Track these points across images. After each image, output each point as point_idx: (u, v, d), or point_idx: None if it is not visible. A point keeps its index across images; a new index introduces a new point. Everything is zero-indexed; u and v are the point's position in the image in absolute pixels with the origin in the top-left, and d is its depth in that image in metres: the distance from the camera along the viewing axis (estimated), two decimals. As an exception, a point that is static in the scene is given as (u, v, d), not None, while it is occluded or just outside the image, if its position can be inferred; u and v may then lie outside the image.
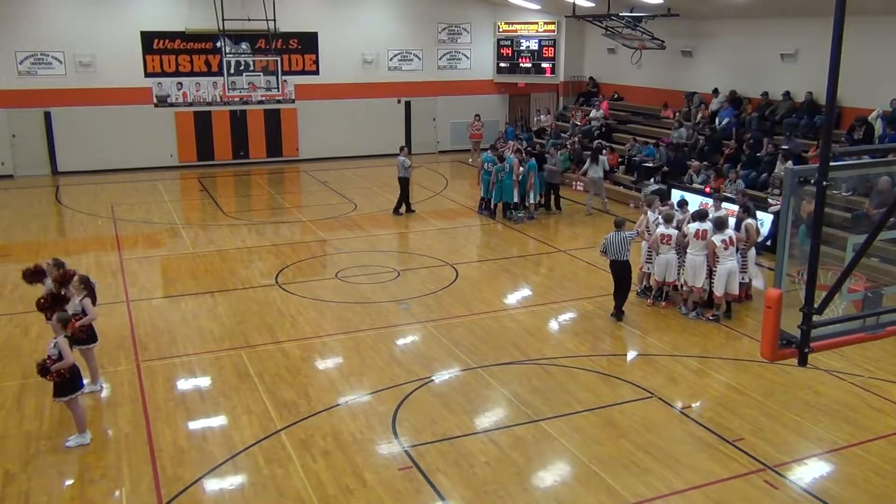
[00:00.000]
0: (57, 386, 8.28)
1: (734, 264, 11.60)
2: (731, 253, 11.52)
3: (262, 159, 25.83)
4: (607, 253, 11.92)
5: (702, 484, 7.72)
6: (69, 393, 8.31)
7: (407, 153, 18.88)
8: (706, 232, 11.61)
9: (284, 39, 24.99)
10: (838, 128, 16.54)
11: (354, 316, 12.27)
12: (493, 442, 8.50)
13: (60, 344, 8.19)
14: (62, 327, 8.31)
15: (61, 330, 8.30)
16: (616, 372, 10.37)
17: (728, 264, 11.50)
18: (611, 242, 11.84)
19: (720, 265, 11.50)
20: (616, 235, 11.82)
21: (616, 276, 11.99)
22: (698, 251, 11.71)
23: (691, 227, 11.83)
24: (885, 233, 4.62)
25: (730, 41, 20.97)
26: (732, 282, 11.66)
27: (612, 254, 11.86)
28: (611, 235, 11.88)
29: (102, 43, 23.32)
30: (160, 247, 16.40)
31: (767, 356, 4.66)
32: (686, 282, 11.98)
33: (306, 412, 9.15)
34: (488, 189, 18.31)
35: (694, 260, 11.76)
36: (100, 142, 23.81)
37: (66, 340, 8.26)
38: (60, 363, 8.15)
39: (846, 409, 9.32)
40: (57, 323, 8.37)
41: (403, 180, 18.67)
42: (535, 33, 27.15)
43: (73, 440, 8.44)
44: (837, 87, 4.31)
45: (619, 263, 11.89)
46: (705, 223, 11.73)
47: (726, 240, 11.45)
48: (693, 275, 11.81)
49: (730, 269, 11.53)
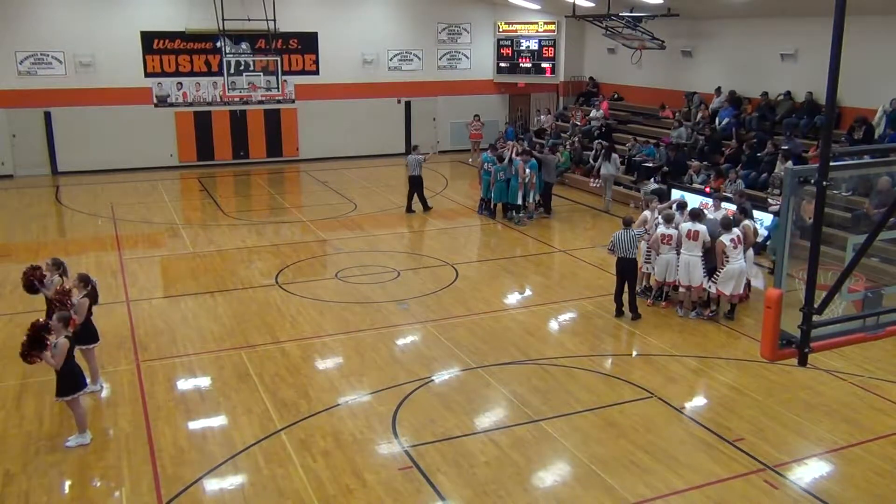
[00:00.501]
0: (59, 386, 8.25)
1: (742, 264, 11.59)
2: (739, 252, 11.51)
3: (262, 159, 25.83)
4: (616, 250, 11.93)
5: (702, 484, 7.72)
6: (71, 392, 8.30)
7: (419, 151, 19.41)
8: (698, 233, 11.65)
9: (284, 39, 24.99)
10: (838, 128, 16.54)
11: (354, 316, 12.27)
12: (493, 442, 8.50)
13: (59, 345, 8.12)
14: (63, 327, 8.23)
15: (63, 330, 8.21)
16: (616, 372, 10.37)
17: (737, 264, 11.50)
18: (620, 240, 11.85)
19: (729, 265, 11.50)
20: (625, 233, 11.84)
21: (623, 273, 12.00)
22: (692, 251, 11.73)
23: (683, 227, 11.85)
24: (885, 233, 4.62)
25: (730, 41, 20.97)
26: (740, 282, 11.66)
27: (620, 251, 11.87)
28: (620, 233, 11.89)
29: (102, 43, 23.32)
30: (160, 247, 16.41)
31: (767, 356, 4.66)
32: (680, 281, 11.99)
33: (306, 412, 9.15)
34: (488, 189, 18.33)
35: (688, 260, 11.77)
36: (100, 142, 23.81)
37: (66, 342, 8.16)
38: (49, 358, 8.06)
39: (846, 409, 9.32)
40: (58, 323, 8.28)
41: (416, 178, 18.83)
42: (535, 33, 27.15)
43: (74, 440, 8.45)
44: (837, 87, 4.31)
45: (626, 261, 11.90)
46: (697, 224, 11.75)
47: (734, 239, 11.45)
48: (687, 274, 11.81)
49: (739, 269, 11.54)
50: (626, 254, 11.84)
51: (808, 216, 4.54)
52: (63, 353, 8.14)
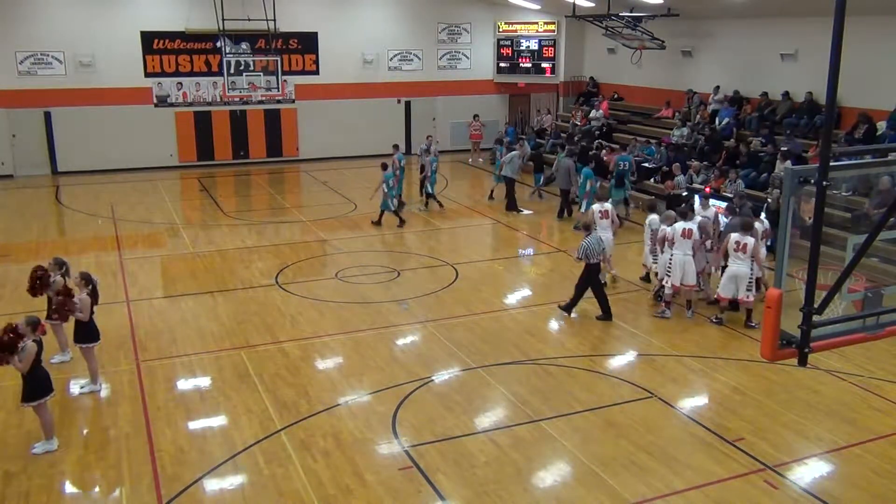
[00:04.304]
0: (25, 391, 8.10)
1: (739, 269, 11.36)
2: (740, 257, 11.34)
3: (262, 159, 25.83)
4: (590, 258, 11.83)
5: (702, 484, 7.72)
6: (37, 398, 8.14)
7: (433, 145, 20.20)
8: (692, 231, 11.69)
9: (284, 39, 24.99)
10: (838, 128, 16.54)
11: (354, 316, 12.27)
12: (493, 442, 8.50)
13: (27, 349, 7.91)
14: (32, 331, 8.02)
15: (31, 334, 8.00)
16: (616, 372, 10.37)
17: (734, 267, 11.43)
18: (591, 246, 11.79)
19: (728, 267, 11.51)
20: (594, 237, 11.86)
21: (593, 276, 11.99)
22: (685, 250, 11.74)
23: (677, 227, 11.81)
24: (885, 233, 4.62)
25: (730, 41, 20.97)
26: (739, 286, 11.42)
27: (594, 257, 11.84)
28: (590, 240, 11.84)
29: (102, 43, 23.32)
30: (160, 247, 16.41)
31: (767, 356, 4.66)
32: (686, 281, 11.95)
33: (306, 412, 9.15)
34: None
35: (682, 259, 11.76)
36: (100, 142, 23.81)
37: (33, 346, 7.98)
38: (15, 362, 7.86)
39: (846, 409, 9.32)
40: (26, 326, 8.03)
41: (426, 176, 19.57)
42: (535, 33, 27.15)
43: (40, 446, 8.30)
44: (837, 87, 4.31)
45: (596, 265, 11.95)
46: (690, 222, 11.80)
47: (739, 242, 11.31)
48: (682, 274, 11.80)
49: (736, 273, 11.42)
50: (598, 258, 11.92)
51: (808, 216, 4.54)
52: (31, 357, 7.97)
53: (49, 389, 8.30)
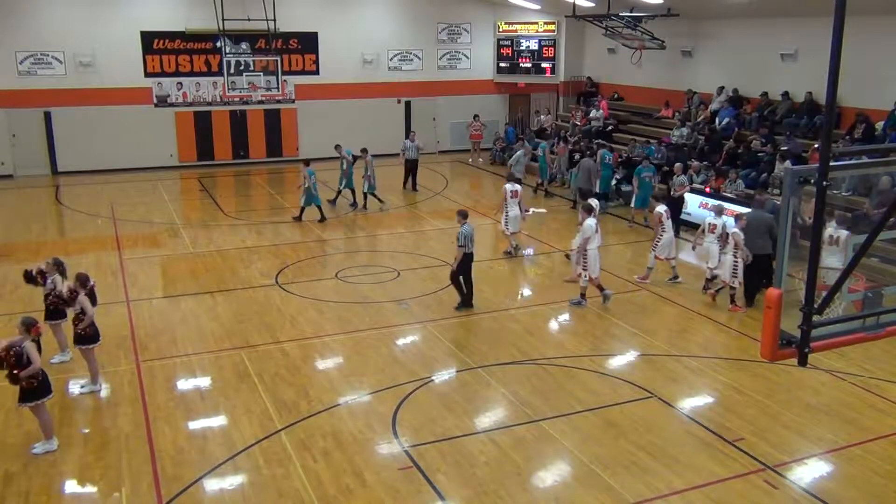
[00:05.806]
0: (23, 391, 8.09)
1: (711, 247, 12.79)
2: None
3: (262, 159, 25.82)
4: (467, 247, 12.14)
5: (702, 484, 7.72)
6: (35, 399, 8.13)
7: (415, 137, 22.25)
8: (714, 226, 12.67)
9: (284, 39, 24.98)
10: (838, 127, 16.54)
11: (354, 316, 12.27)
12: (493, 442, 8.50)
13: (27, 349, 7.92)
14: (26, 331, 8.02)
15: (26, 334, 8.01)
16: (616, 372, 10.37)
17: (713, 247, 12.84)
18: (467, 235, 12.11)
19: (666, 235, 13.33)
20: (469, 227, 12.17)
21: (468, 268, 12.34)
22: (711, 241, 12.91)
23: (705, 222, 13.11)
24: (885, 233, 4.62)
25: (730, 41, 20.96)
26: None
27: (470, 247, 12.19)
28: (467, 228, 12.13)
29: (102, 43, 23.32)
30: (160, 247, 16.40)
31: (767, 356, 4.66)
32: None
33: (306, 412, 9.15)
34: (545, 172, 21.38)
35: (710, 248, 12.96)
36: (100, 142, 23.80)
37: (32, 344, 8.00)
38: (29, 369, 7.91)
39: (846, 409, 9.32)
40: (21, 326, 8.06)
41: (412, 161, 21.55)
42: (535, 33, 27.14)
43: (40, 447, 8.31)
44: (837, 87, 4.31)
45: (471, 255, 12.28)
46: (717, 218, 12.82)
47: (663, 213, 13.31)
48: None
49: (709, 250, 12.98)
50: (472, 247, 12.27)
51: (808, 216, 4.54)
52: (34, 352, 7.98)
53: (47, 391, 8.30)
